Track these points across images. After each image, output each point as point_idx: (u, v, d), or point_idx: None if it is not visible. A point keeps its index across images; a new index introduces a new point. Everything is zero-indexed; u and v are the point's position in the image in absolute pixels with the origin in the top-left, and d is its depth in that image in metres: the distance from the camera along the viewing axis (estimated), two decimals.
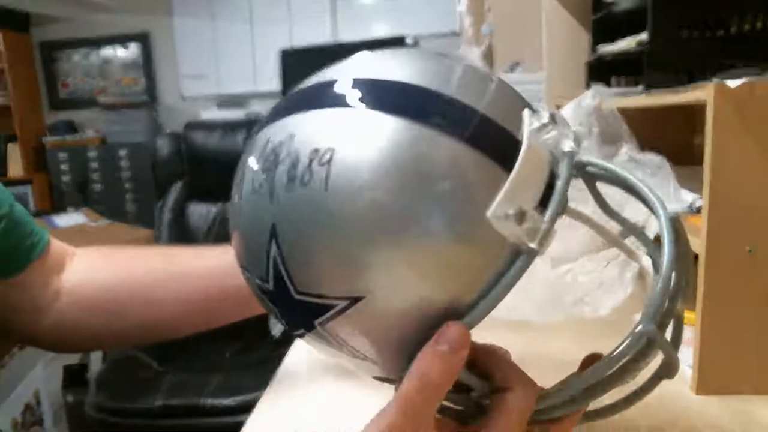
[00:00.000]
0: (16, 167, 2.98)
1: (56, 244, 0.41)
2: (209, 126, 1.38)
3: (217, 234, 1.32)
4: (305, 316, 0.24)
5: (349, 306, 0.22)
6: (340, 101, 0.23)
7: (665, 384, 0.41)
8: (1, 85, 2.92)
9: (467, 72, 0.25)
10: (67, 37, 3.22)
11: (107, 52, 3.26)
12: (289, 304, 0.24)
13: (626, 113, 0.48)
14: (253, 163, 0.25)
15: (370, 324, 0.23)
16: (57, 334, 0.39)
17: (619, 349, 0.26)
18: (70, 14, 3.14)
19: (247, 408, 0.40)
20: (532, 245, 0.24)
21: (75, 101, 3.24)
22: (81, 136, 3.03)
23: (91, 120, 3.15)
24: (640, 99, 0.54)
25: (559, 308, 0.47)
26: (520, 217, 0.23)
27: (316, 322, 0.23)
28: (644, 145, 0.49)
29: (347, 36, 3.25)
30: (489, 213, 0.22)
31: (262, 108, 3.07)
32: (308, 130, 0.23)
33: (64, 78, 3.26)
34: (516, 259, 0.24)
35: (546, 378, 0.44)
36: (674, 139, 0.86)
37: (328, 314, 0.23)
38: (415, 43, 2.29)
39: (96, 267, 0.41)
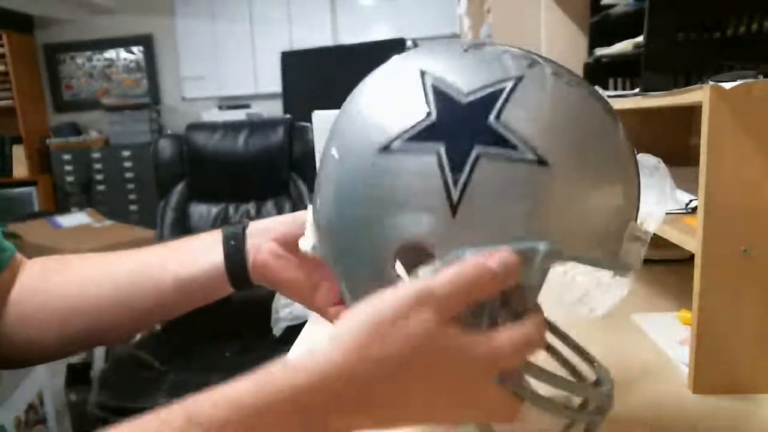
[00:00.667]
0: (20, 168, 2.99)
1: (15, 261, 0.40)
2: (210, 127, 1.39)
3: None
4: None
5: None
6: None
7: (663, 383, 0.41)
8: (5, 87, 2.94)
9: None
10: (71, 40, 3.24)
11: (110, 54, 3.28)
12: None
13: (623, 115, 0.48)
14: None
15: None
16: (4, 347, 0.37)
17: None
18: (74, 17, 3.15)
19: None
20: (622, 269, 0.31)
21: (78, 103, 3.26)
22: (84, 137, 3.05)
23: (95, 121, 3.17)
24: (637, 101, 0.55)
25: (557, 308, 0.47)
26: (644, 241, 0.30)
27: (477, 149, 0.27)
28: (641, 146, 0.49)
29: (347, 38, 3.26)
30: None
31: (262, 109, 3.08)
32: None
33: (67, 80, 3.28)
34: (608, 261, 0.30)
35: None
36: (671, 141, 0.86)
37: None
38: (415, 46, 2.30)
39: (35, 281, 0.39)
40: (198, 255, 0.38)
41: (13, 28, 2.98)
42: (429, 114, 0.27)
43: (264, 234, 0.37)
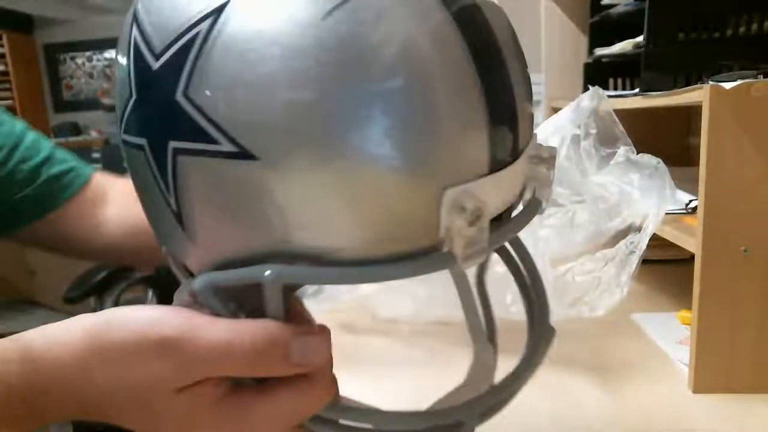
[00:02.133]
0: None
1: (97, 182, 0.46)
2: None
3: None
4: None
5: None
6: None
7: (663, 383, 0.41)
8: (5, 87, 2.94)
9: None
10: (71, 40, 3.24)
11: (110, 54, 3.27)
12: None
13: (623, 115, 0.49)
14: None
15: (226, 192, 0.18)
16: (111, 253, 0.45)
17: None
18: (74, 17, 3.15)
19: None
20: (458, 254, 0.18)
21: (79, 103, 3.26)
22: (84, 137, 3.05)
23: (95, 122, 3.17)
24: (637, 101, 0.55)
25: (557, 308, 0.47)
26: (475, 217, 0.18)
27: (172, 144, 0.19)
28: (641, 146, 0.49)
29: None
30: (448, 183, 0.18)
31: None
32: None
33: (67, 80, 3.28)
34: (426, 254, 0.18)
35: (551, 379, 0.44)
36: (671, 141, 0.86)
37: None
38: None
39: (128, 202, 0.45)
40: None
41: (14, 28, 2.98)
42: (131, 92, 0.20)
43: None
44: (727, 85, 0.35)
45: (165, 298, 1.28)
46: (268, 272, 0.18)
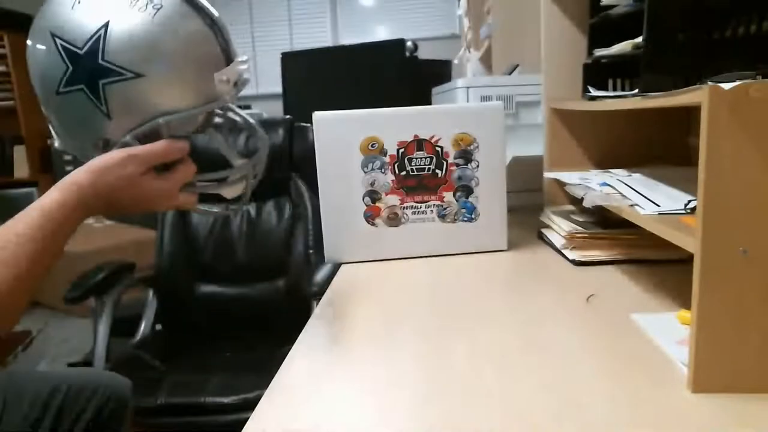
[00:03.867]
0: (22, 169, 3.00)
1: None
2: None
3: (219, 233, 1.33)
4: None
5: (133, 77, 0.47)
6: None
7: (662, 383, 0.41)
8: (6, 87, 2.94)
9: None
10: None
11: None
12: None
13: (623, 115, 0.49)
14: None
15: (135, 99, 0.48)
16: None
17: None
18: None
19: (248, 406, 0.41)
20: (220, 102, 0.52)
21: None
22: None
23: None
24: (636, 101, 0.55)
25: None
26: (229, 82, 0.52)
27: (101, 82, 0.47)
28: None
29: (347, 38, 3.26)
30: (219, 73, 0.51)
31: (263, 110, 3.08)
32: None
33: None
34: (215, 100, 0.52)
35: (551, 379, 0.44)
36: (671, 141, 0.86)
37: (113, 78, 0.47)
38: (415, 47, 2.30)
39: None
40: None
41: (14, 28, 2.98)
42: (67, 67, 0.47)
43: None
44: (727, 86, 0.35)
45: (164, 297, 1.28)
46: (161, 120, 0.49)
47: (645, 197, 0.56)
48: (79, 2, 0.47)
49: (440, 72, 2.34)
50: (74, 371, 0.80)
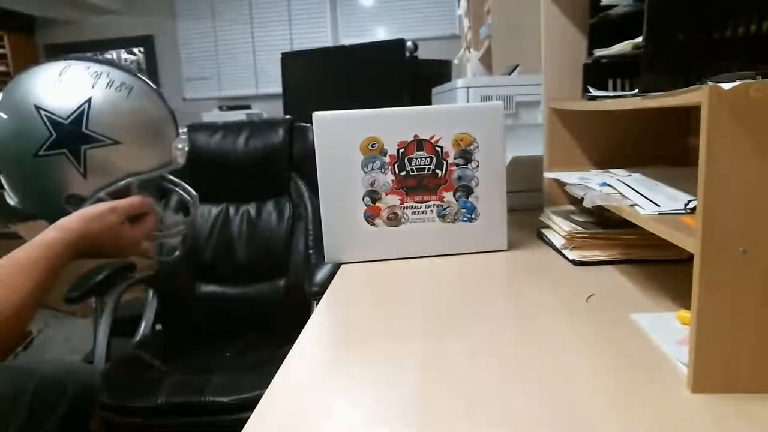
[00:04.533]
0: None
1: None
2: (211, 127, 1.39)
3: (219, 233, 1.33)
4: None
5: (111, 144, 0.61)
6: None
7: (662, 383, 0.41)
8: None
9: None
10: (72, 40, 3.24)
11: (111, 55, 3.28)
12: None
13: (623, 115, 0.49)
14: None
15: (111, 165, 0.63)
16: None
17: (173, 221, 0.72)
18: (75, 18, 3.16)
19: (248, 406, 0.41)
20: (174, 165, 0.69)
21: None
22: None
23: None
24: (636, 101, 0.55)
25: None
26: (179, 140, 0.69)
27: (84, 147, 0.59)
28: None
29: (347, 39, 3.26)
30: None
31: (263, 110, 3.08)
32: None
33: None
34: (169, 164, 0.68)
35: (551, 379, 0.44)
36: (671, 141, 0.86)
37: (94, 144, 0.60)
38: (415, 47, 2.30)
39: None
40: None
41: (15, 29, 2.98)
42: (51, 134, 0.59)
43: None
44: (727, 86, 0.35)
45: (164, 297, 1.29)
46: (132, 179, 0.64)
47: (645, 197, 0.56)
48: (60, 80, 0.59)
49: (440, 72, 2.34)
50: (46, 364, 0.82)
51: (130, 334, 1.23)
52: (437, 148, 0.77)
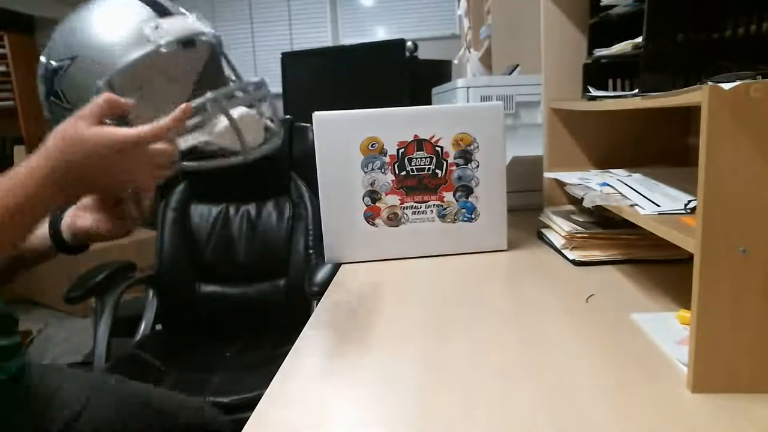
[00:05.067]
0: None
1: None
2: None
3: (219, 233, 1.33)
4: None
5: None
6: None
7: (662, 383, 0.41)
8: (6, 87, 2.94)
9: None
10: None
11: None
12: None
13: (623, 115, 0.49)
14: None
15: None
16: None
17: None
18: None
19: (248, 406, 0.41)
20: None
21: None
22: None
23: None
24: (636, 101, 0.55)
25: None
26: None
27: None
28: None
29: (347, 38, 3.26)
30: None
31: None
32: None
33: None
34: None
35: (551, 379, 0.44)
36: (670, 141, 0.86)
37: None
38: (415, 47, 2.30)
39: None
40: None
41: (15, 29, 2.98)
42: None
43: (72, 208, 0.60)
44: (726, 86, 0.35)
45: (165, 297, 1.29)
46: (99, 83, 0.52)
47: (645, 197, 0.56)
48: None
49: (440, 72, 2.34)
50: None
51: (130, 334, 1.23)
52: (437, 148, 0.77)
